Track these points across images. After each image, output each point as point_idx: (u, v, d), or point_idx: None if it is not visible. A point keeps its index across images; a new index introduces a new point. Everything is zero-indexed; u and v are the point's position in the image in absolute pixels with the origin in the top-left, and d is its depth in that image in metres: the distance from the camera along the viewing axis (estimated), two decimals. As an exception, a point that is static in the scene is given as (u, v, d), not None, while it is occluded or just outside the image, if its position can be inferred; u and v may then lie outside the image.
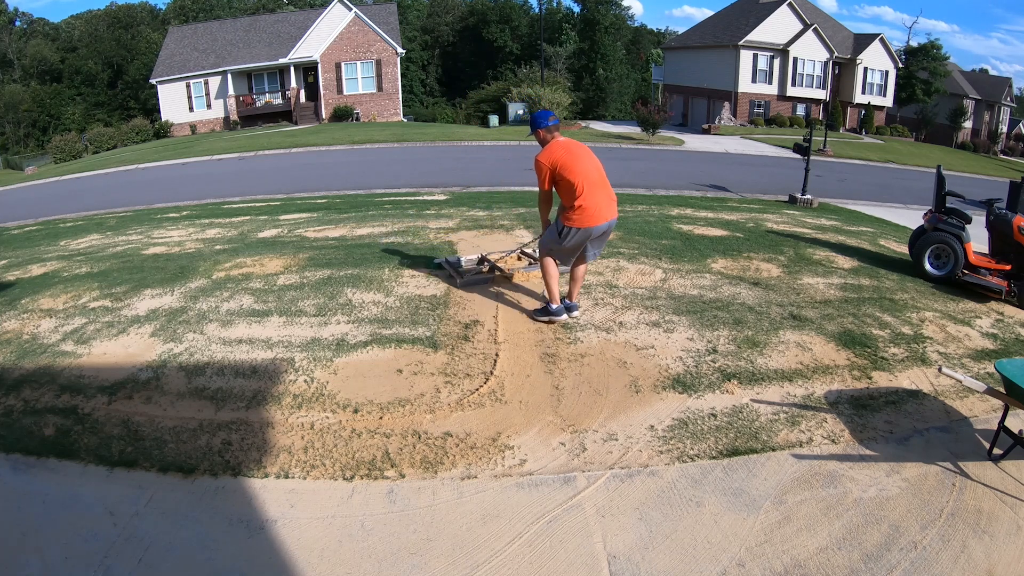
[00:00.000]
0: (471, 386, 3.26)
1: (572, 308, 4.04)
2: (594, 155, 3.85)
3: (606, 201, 3.76)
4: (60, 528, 2.31)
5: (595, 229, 3.74)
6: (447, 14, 48.72)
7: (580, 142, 3.85)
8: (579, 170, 3.68)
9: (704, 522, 2.36)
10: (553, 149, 3.75)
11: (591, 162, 3.78)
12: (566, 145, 3.78)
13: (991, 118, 39.38)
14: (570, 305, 4.04)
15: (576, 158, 3.72)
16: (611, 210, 3.80)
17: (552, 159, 3.72)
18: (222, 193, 11.25)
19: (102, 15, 45.46)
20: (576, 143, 3.84)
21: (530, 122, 3.94)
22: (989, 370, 3.64)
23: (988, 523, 2.38)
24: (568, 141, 3.82)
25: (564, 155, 3.70)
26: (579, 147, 3.82)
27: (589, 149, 3.87)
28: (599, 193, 3.72)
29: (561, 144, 3.78)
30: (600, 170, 3.80)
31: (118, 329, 3.99)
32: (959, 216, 5.46)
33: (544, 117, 3.89)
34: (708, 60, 31.03)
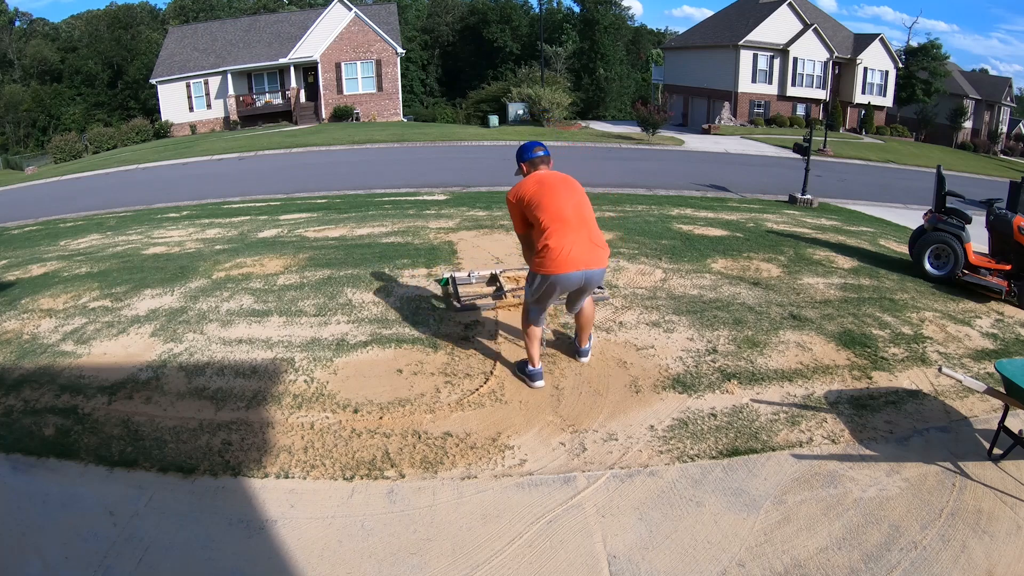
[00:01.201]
0: (471, 386, 3.26)
1: (581, 353, 3.55)
2: (580, 191, 3.18)
3: (584, 245, 3.03)
4: (60, 528, 2.31)
5: (564, 279, 3.01)
6: (447, 14, 48.71)
7: (569, 177, 3.22)
8: (548, 205, 3.05)
9: (704, 522, 2.36)
10: (523, 184, 3.18)
11: (569, 198, 3.10)
12: (542, 179, 3.17)
13: (991, 118, 39.37)
14: (579, 350, 3.57)
15: (548, 192, 3.09)
16: (591, 256, 3.04)
17: (519, 194, 3.14)
18: (222, 193, 11.25)
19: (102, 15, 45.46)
20: (559, 177, 3.20)
21: (516, 155, 3.37)
22: (989, 370, 3.64)
23: (988, 523, 2.38)
24: (548, 174, 3.20)
25: (534, 189, 3.11)
26: (560, 181, 3.16)
27: (577, 185, 3.19)
28: (573, 234, 3.01)
29: (536, 178, 3.18)
30: (581, 207, 3.10)
31: (118, 329, 3.99)
32: (959, 216, 5.46)
33: (528, 150, 3.30)
34: (708, 60, 31.02)
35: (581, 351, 3.57)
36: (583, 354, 3.57)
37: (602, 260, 3.11)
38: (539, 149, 3.32)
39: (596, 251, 3.09)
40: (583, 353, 3.57)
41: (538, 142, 3.32)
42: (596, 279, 3.14)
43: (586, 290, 3.20)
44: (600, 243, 3.12)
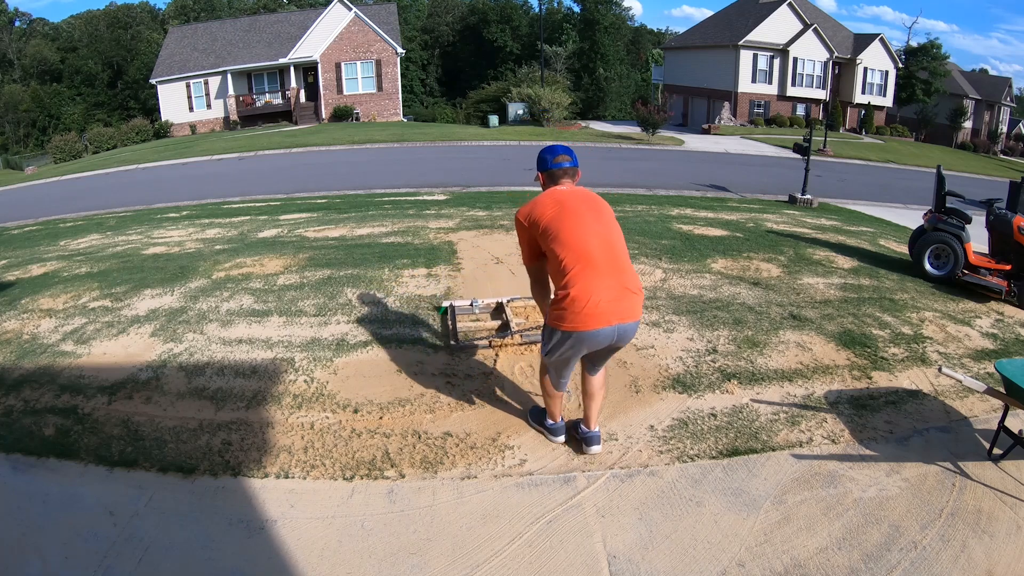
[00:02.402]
0: (471, 386, 3.26)
1: (590, 440, 2.71)
2: (610, 217, 2.51)
3: (615, 291, 2.36)
4: (60, 528, 2.31)
5: (591, 336, 2.39)
6: (447, 14, 48.71)
7: (595, 196, 2.54)
8: (570, 239, 2.37)
9: (704, 522, 2.36)
10: (539, 203, 2.49)
11: (596, 227, 2.41)
12: (562, 199, 2.47)
13: (991, 118, 39.37)
14: (587, 435, 2.72)
15: (570, 219, 2.40)
16: (624, 306, 2.38)
17: (532, 216, 2.47)
18: (222, 193, 11.25)
19: (102, 15, 45.45)
20: (583, 197, 2.51)
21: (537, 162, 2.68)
22: (989, 370, 3.64)
23: (988, 523, 2.38)
24: (570, 193, 2.51)
25: (552, 213, 2.43)
26: (584, 204, 2.47)
27: (606, 208, 2.53)
28: (603, 278, 2.35)
29: (555, 196, 2.49)
30: (611, 240, 2.44)
31: (118, 329, 3.98)
32: (959, 216, 5.46)
33: (550, 155, 2.61)
34: (708, 60, 31.03)
35: (589, 436, 2.71)
36: (592, 441, 2.70)
37: (636, 310, 2.43)
38: (564, 158, 2.60)
39: (630, 299, 2.39)
40: (592, 439, 2.70)
41: (564, 147, 2.65)
42: (630, 335, 2.46)
43: (616, 349, 2.54)
44: (635, 287, 2.43)
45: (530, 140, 19.71)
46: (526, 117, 26.06)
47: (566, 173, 2.61)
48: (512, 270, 5.03)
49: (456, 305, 3.99)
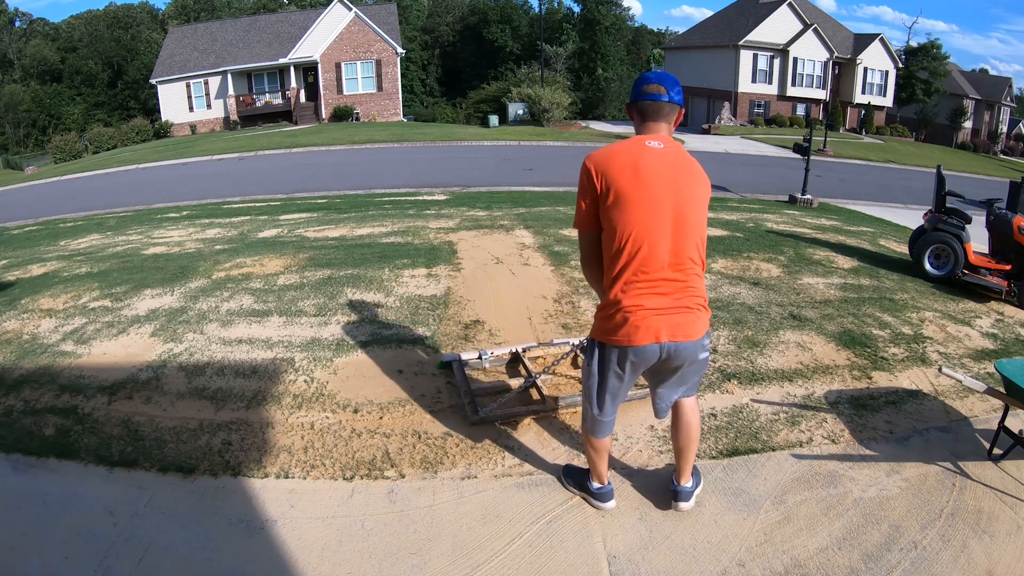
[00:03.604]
0: (471, 386, 3.25)
1: (681, 495, 2.32)
2: (698, 195, 1.96)
3: (672, 299, 1.92)
4: (60, 528, 2.31)
5: (638, 353, 1.94)
6: (447, 14, 48.72)
7: (687, 164, 1.96)
8: (635, 215, 1.86)
9: (704, 522, 2.36)
10: (614, 151, 1.94)
11: (671, 205, 1.88)
12: (639, 158, 1.89)
13: (991, 118, 39.38)
14: (678, 490, 2.32)
15: (644, 188, 1.86)
16: (678, 321, 1.92)
17: (601, 165, 1.91)
18: (222, 193, 11.25)
19: (102, 15, 45.48)
20: (672, 161, 1.92)
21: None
22: (989, 370, 3.64)
23: (988, 523, 2.38)
24: (659, 157, 1.91)
25: (628, 174, 1.87)
26: (670, 170, 1.90)
27: (696, 180, 1.97)
28: (660, 283, 1.90)
29: (637, 154, 1.90)
30: (687, 228, 1.91)
31: (118, 329, 3.98)
32: (959, 216, 5.46)
33: (641, 82, 2.00)
34: (708, 60, 31.04)
35: (680, 490, 2.32)
36: (682, 496, 2.31)
37: (695, 327, 1.94)
38: (656, 88, 1.95)
39: (687, 314, 1.92)
40: (682, 495, 2.31)
41: (661, 73, 2.00)
42: (686, 355, 1.96)
43: (674, 373, 2.03)
44: (694, 302, 1.94)
45: (530, 140, 19.71)
46: (526, 117, 26.07)
47: (659, 111, 1.95)
48: (512, 270, 5.03)
49: (463, 358, 3.29)
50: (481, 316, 4.09)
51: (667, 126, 1.99)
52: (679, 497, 2.35)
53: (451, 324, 3.96)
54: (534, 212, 7.74)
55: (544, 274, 4.94)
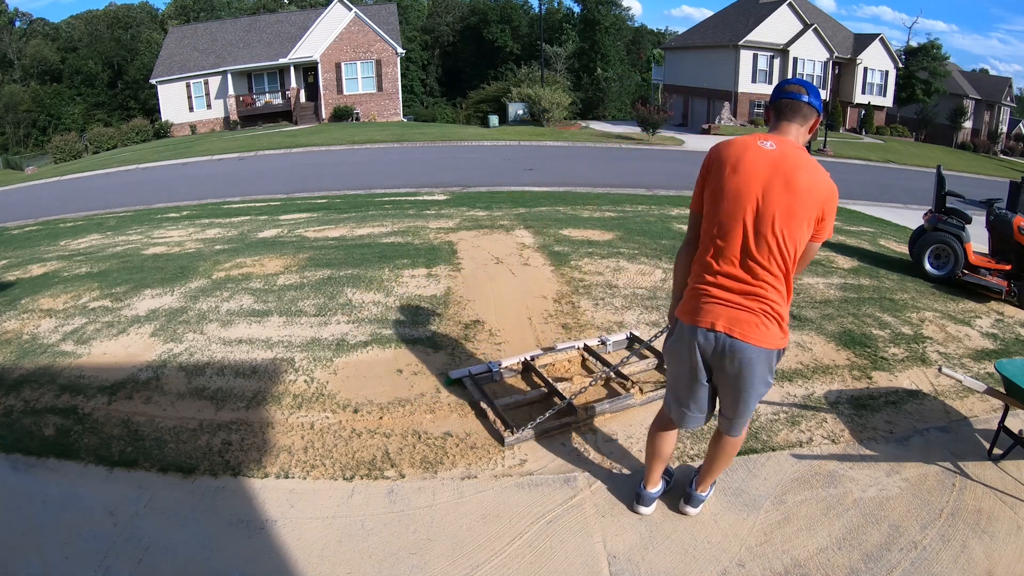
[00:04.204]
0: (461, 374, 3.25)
1: (692, 499, 2.38)
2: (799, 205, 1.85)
3: (735, 294, 1.93)
4: (60, 528, 2.31)
5: (688, 332, 2.01)
6: (447, 14, 48.71)
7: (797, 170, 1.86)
8: (729, 206, 1.90)
9: (704, 522, 2.36)
10: (734, 144, 1.95)
11: (760, 203, 1.86)
12: (748, 150, 1.90)
13: (991, 118, 39.38)
14: (691, 494, 2.38)
15: (739, 179, 1.88)
16: (735, 316, 1.92)
17: (718, 156, 1.97)
18: (222, 193, 11.25)
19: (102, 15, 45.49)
20: (780, 163, 1.87)
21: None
22: (989, 370, 3.64)
23: (988, 523, 2.38)
24: (774, 158, 1.87)
25: (730, 159, 1.92)
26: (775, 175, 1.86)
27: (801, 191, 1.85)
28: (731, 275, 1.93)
29: (748, 142, 1.93)
30: (775, 233, 1.86)
31: (118, 329, 3.99)
32: (959, 216, 5.46)
33: (783, 84, 2.00)
34: (708, 60, 31.04)
35: (693, 495, 2.37)
36: (693, 501, 2.37)
37: (755, 330, 1.91)
38: (796, 88, 1.96)
39: (749, 315, 1.91)
40: (694, 499, 2.37)
41: (801, 79, 2.02)
42: (743, 360, 1.94)
43: (731, 379, 2.02)
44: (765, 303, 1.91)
45: (530, 140, 19.71)
46: (526, 117, 26.08)
47: (796, 110, 1.94)
48: (512, 270, 5.03)
49: (474, 372, 3.17)
50: (481, 316, 4.09)
51: (798, 128, 1.98)
52: (690, 501, 2.38)
53: (451, 324, 3.96)
54: (534, 212, 7.74)
55: (544, 274, 4.95)
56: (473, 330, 3.88)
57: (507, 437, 2.74)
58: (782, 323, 1.96)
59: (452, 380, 3.23)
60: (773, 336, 1.94)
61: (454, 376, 3.23)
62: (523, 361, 3.34)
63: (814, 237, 1.93)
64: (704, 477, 2.37)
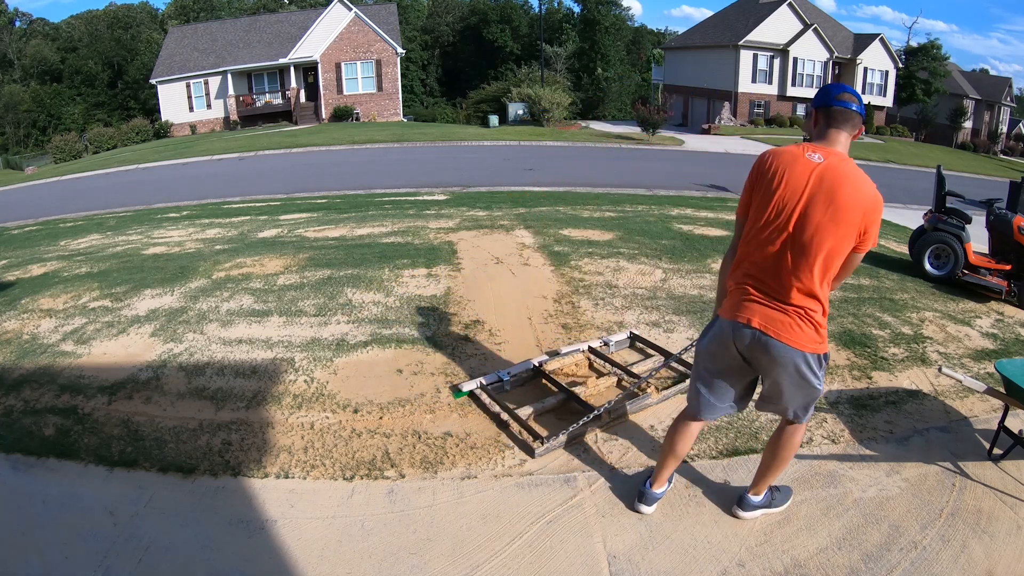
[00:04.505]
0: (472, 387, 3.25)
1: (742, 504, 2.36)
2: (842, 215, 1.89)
3: (769, 295, 2.00)
4: (60, 528, 2.31)
5: (735, 327, 2.05)
6: (447, 14, 48.71)
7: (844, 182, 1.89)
8: (766, 213, 1.97)
9: (704, 522, 2.36)
10: (783, 153, 2.00)
11: (800, 218, 1.92)
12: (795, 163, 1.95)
13: (991, 118, 39.38)
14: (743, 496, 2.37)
15: (783, 191, 1.94)
16: (770, 316, 1.99)
17: (764, 165, 2.03)
18: (222, 193, 11.25)
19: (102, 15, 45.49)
20: (829, 187, 1.89)
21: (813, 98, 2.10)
22: (989, 370, 3.64)
23: (988, 523, 2.38)
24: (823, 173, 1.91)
25: (778, 170, 1.97)
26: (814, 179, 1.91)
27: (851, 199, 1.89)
28: (769, 277, 1.99)
29: (795, 153, 1.97)
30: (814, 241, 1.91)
31: (118, 329, 3.99)
32: (959, 216, 5.46)
33: (834, 89, 2.02)
34: (708, 60, 31.04)
35: (743, 500, 2.36)
36: (744, 505, 2.35)
37: (791, 330, 1.97)
38: (850, 97, 1.99)
39: (784, 316, 1.97)
40: (744, 503, 2.35)
41: (851, 88, 2.05)
42: (779, 359, 1.99)
43: (770, 376, 2.08)
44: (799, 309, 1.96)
45: (530, 140, 19.71)
46: (526, 117, 26.07)
47: (848, 119, 1.99)
48: (512, 270, 5.03)
49: (484, 382, 3.11)
50: (481, 316, 4.09)
51: (847, 136, 2.02)
52: (742, 504, 2.37)
53: (451, 324, 3.96)
54: (534, 212, 7.74)
55: (544, 274, 4.95)
56: (473, 330, 3.88)
57: (537, 448, 2.68)
58: (818, 329, 2.00)
59: (460, 393, 3.12)
60: (807, 338, 1.98)
61: (466, 389, 3.12)
62: (533, 367, 3.30)
63: (856, 248, 1.96)
64: (759, 479, 2.33)
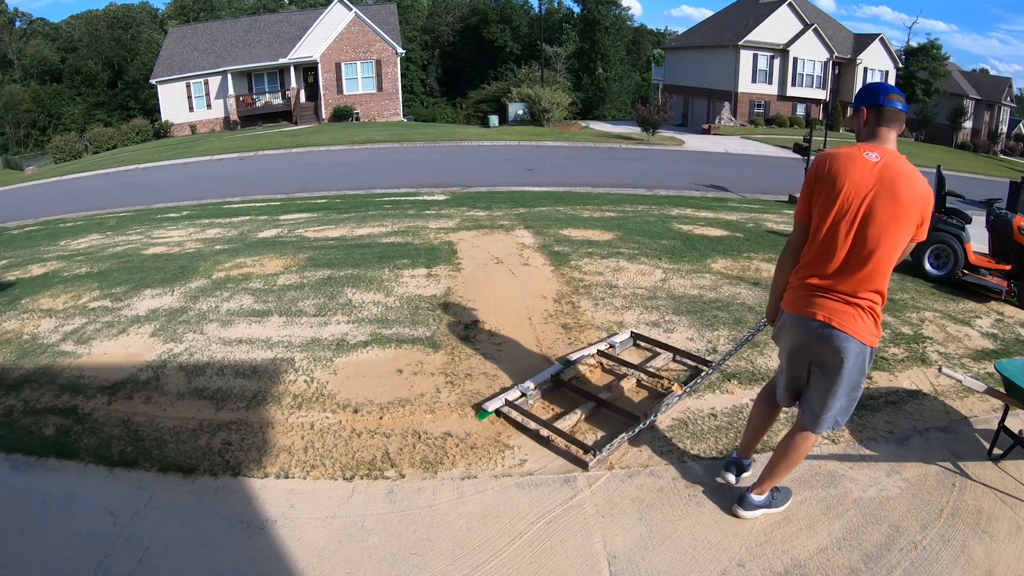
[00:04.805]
0: (472, 386, 3.25)
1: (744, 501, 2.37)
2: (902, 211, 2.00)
3: (834, 289, 2.08)
4: (60, 528, 2.31)
5: (791, 321, 2.18)
6: (447, 14, 48.71)
7: (904, 181, 2.00)
8: (829, 214, 2.06)
9: (704, 522, 2.36)
10: (840, 155, 2.08)
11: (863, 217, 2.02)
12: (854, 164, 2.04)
13: (991, 118, 39.39)
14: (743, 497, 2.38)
15: (846, 192, 2.03)
16: (833, 309, 2.07)
17: (821, 164, 2.11)
18: (222, 193, 11.25)
19: (102, 15, 45.48)
20: (891, 183, 1.99)
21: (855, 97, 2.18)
22: (989, 370, 3.64)
23: (988, 523, 2.38)
24: (882, 170, 2.01)
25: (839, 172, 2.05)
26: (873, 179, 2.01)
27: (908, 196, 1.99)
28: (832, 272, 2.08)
29: (853, 154, 2.06)
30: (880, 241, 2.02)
31: (118, 329, 3.99)
32: (959, 216, 5.46)
33: (882, 91, 2.09)
34: (708, 60, 31.04)
35: (745, 499, 2.37)
36: (745, 504, 2.36)
37: (853, 320, 2.06)
38: (898, 98, 2.09)
39: (847, 307, 2.07)
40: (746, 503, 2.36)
41: (895, 88, 2.14)
42: (840, 347, 2.06)
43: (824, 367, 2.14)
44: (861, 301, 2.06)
45: (530, 140, 19.71)
46: (526, 117, 26.07)
47: (896, 119, 2.09)
48: (512, 270, 5.03)
49: (509, 399, 3.02)
50: (481, 316, 4.09)
51: (895, 134, 2.13)
52: (743, 503, 2.38)
53: (451, 324, 3.96)
54: (534, 212, 7.74)
55: (544, 274, 4.95)
56: (473, 330, 3.88)
57: (590, 461, 2.63)
58: (877, 321, 2.11)
59: (485, 413, 2.96)
60: (868, 329, 2.09)
61: (491, 408, 2.96)
62: (552, 377, 3.24)
63: (913, 238, 2.09)
64: (764, 478, 2.35)
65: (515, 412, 2.94)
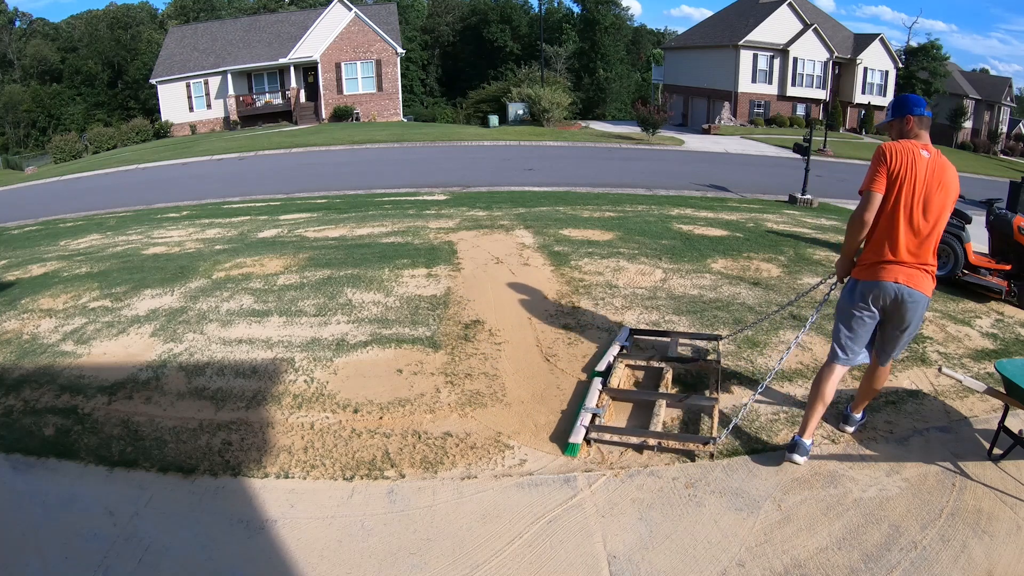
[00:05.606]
0: (472, 386, 3.25)
1: (848, 420, 2.99)
2: (948, 198, 2.65)
3: (910, 257, 2.60)
4: (60, 528, 2.31)
5: (872, 287, 2.63)
6: (447, 14, 48.72)
7: (946, 172, 2.62)
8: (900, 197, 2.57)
9: (704, 522, 2.36)
10: (906, 147, 2.60)
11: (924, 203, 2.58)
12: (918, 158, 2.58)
13: (991, 118, 39.39)
14: (847, 415, 3.00)
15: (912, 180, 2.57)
16: (911, 274, 2.60)
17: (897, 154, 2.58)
18: (222, 193, 11.26)
19: (102, 15, 45.50)
20: (938, 168, 2.60)
21: (892, 105, 2.79)
22: (989, 370, 3.64)
23: (988, 523, 2.38)
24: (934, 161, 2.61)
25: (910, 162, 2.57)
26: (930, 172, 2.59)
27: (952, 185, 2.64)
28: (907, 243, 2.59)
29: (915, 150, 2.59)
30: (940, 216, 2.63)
31: (118, 329, 3.99)
32: (959, 216, 5.45)
33: (919, 104, 2.70)
34: (708, 60, 31.04)
35: (849, 416, 3.00)
36: (849, 421, 2.99)
37: (924, 282, 2.61)
38: (927, 107, 2.75)
39: (919, 272, 2.61)
40: (849, 420, 2.99)
41: (922, 99, 2.75)
42: (915, 304, 2.60)
43: (900, 323, 2.66)
44: (928, 267, 2.63)
45: (530, 140, 19.71)
46: (526, 117, 26.07)
47: (928, 123, 2.74)
48: (512, 270, 5.03)
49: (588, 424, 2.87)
50: (481, 316, 4.09)
51: (926, 132, 2.72)
52: (848, 421, 2.97)
53: (451, 324, 3.96)
54: (534, 212, 7.74)
55: (544, 274, 4.95)
56: (473, 330, 3.88)
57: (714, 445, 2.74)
58: (934, 279, 2.68)
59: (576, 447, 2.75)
60: (930, 287, 2.66)
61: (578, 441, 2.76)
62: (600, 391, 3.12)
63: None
64: (860, 401, 2.97)
65: (607, 434, 2.85)
